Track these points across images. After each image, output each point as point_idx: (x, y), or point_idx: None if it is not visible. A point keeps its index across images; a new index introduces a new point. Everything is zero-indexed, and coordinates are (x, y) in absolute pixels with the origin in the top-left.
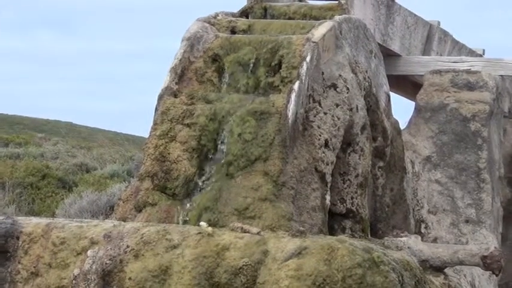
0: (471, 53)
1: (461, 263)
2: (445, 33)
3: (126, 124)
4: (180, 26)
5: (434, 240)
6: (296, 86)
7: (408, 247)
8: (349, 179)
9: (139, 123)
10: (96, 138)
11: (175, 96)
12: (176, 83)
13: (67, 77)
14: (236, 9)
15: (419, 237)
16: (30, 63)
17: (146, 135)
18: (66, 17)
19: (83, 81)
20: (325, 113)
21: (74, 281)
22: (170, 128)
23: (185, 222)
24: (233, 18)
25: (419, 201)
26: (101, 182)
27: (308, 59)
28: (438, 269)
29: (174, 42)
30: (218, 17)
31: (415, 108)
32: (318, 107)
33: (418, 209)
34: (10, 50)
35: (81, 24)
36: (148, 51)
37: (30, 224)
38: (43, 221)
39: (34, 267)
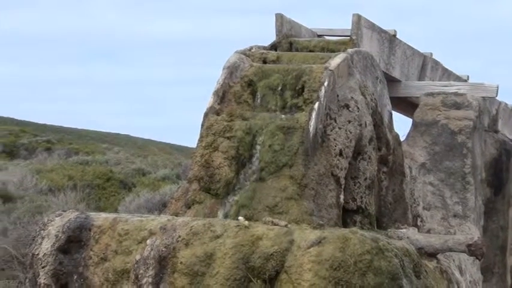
0: (458, 78)
1: (450, 250)
2: (437, 62)
3: (173, 136)
4: (210, 57)
5: (428, 231)
6: (316, 106)
7: (407, 237)
8: (359, 182)
9: (184, 135)
10: (150, 147)
11: (218, 114)
12: (218, 104)
13: (124, 98)
14: (267, 43)
15: (416, 229)
16: (90, 87)
17: (190, 145)
18: (118, 49)
19: (136, 101)
20: (339, 128)
21: (135, 265)
22: (214, 140)
23: (226, 217)
24: (264, 51)
25: (416, 200)
26: (154, 184)
27: (326, 84)
28: (431, 255)
29: (208, 69)
30: (252, 50)
31: (412, 124)
32: (333, 123)
33: (415, 206)
34: (73, 77)
35: (131, 55)
36: (188, 77)
37: (100, 218)
38: (110, 215)
39: (103, 253)
